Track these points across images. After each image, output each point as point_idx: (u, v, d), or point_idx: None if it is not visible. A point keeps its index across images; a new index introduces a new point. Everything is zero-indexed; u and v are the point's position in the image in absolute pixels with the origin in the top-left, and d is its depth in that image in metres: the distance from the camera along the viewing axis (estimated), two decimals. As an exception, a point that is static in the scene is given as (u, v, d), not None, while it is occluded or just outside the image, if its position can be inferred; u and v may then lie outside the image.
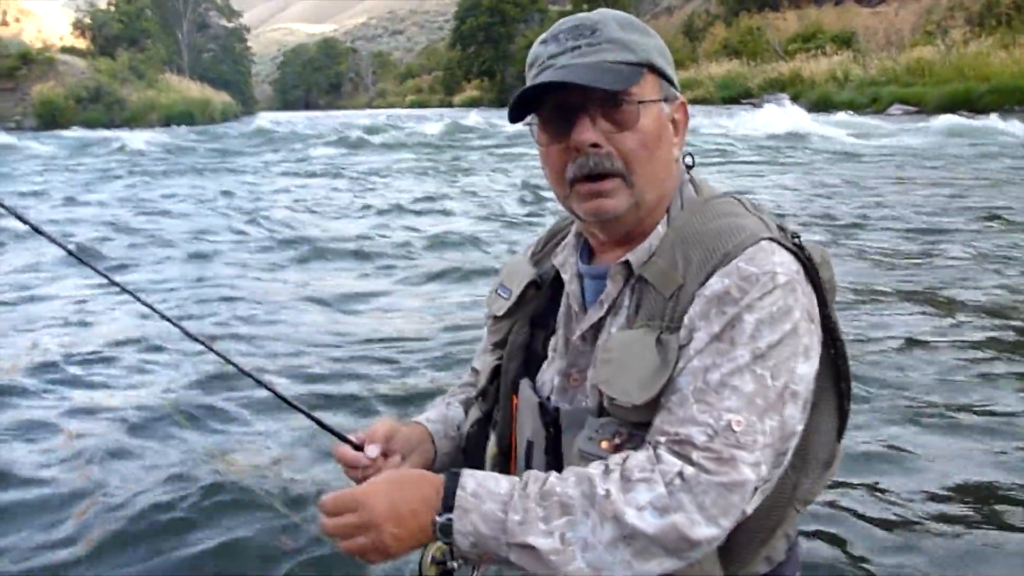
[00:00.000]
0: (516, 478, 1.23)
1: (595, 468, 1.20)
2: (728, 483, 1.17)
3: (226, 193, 14.57)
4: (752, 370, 1.20)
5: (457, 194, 13.47)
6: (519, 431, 1.49)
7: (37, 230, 1.60)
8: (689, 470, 1.16)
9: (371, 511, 1.21)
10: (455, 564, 1.33)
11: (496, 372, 1.56)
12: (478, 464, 1.55)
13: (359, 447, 1.45)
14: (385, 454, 1.46)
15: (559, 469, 1.33)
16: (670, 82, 1.38)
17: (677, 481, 1.16)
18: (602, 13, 1.37)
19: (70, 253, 1.73)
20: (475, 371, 1.71)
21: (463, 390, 1.74)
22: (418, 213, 11.68)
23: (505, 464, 1.52)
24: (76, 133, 33.66)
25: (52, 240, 1.61)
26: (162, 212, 12.51)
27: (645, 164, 1.33)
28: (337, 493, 1.25)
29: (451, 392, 1.76)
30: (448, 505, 1.20)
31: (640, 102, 1.32)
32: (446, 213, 11.70)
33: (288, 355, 5.47)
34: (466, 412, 1.66)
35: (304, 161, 20.83)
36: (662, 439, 1.20)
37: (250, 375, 1.56)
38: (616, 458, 1.21)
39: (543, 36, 1.39)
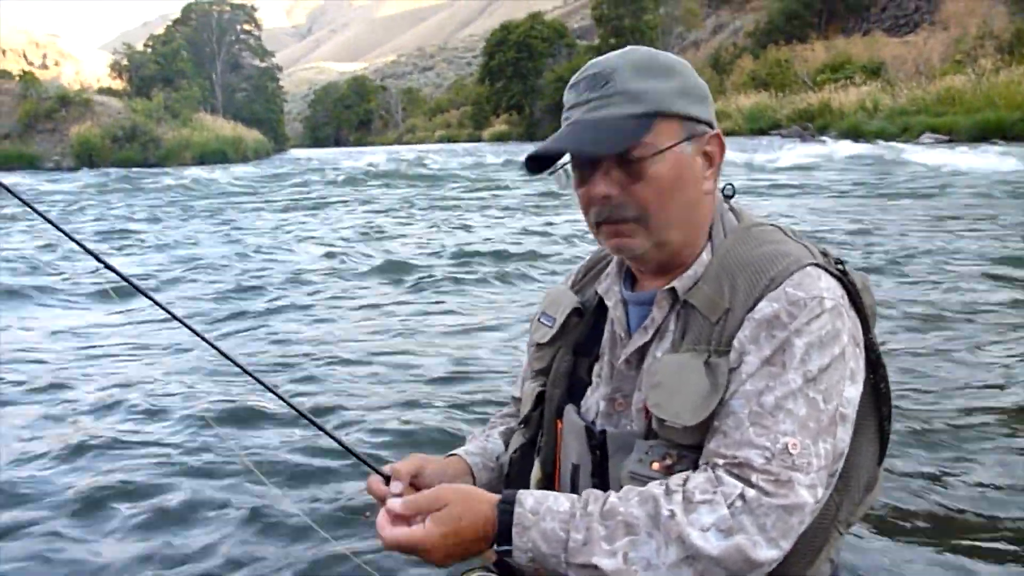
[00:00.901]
0: (575, 496, 1.25)
1: (656, 488, 1.22)
2: (788, 505, 1.19)
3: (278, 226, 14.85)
4: (805, 394, 1.23)
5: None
6: (564, 455, 1.51)
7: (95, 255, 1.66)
8: (750, 492, 1.18)
9: (427, 555, 1.27)
10: None
11: (539, 399, 1.58)
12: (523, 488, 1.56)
13: (389, 479, 1.48)
14: (416, 487, 1.47)
15: (605, 491, 1.36)
16: (697, 119, 1.38)
17: (739, 503, 1.18)
18: (621, 57, 1.38)
19: (121, 276, 1.78)
20: (516, 400, 1.74)
21: (503, 421, 1.76)
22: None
23: (550, 488, 1.52)
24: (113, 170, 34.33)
25: (116, 272, 1.67)
26: (219, 241, 12.78)
27: (661, 210, 1.36)
28: (394, 534, 1.29)
29: (491, 424, 1.78)
30: (504, 536, 1.24)
31: (653, 153, 1.34)
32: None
33: (330, 383, 5.54)
34: (505, 443, 1.68)
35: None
36: (720, 461, 1.23)
37: (294, 407, 1.58)
38: (676, 479, 1.23)
39: (572, 79, 1.42)
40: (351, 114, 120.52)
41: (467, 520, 1.26)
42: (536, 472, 1.57)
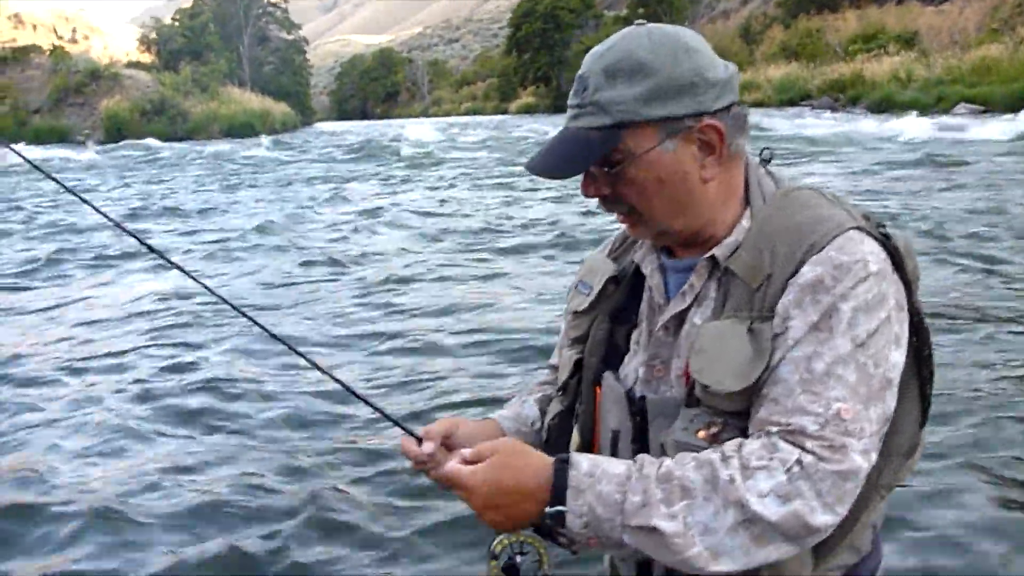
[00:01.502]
0: (630, 460, 1.25)
1: (712, 454, 1.22)
2: (843, 471, 1.20)
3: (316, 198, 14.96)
4: (855, 359, 1.23)
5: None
6: (602, 422, 1.51)
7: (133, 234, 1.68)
8: (807, 458, 1.19)
9: (468, 498, 1.28)
10: (518, 558, 1.37)
11: (577, 366, 1.58)
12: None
13: (421, 440, 1.50)
14: (448, 447, 1.50)
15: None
16: (675, 117, 1.33)
17: (796, 469, 1.18)
18: (598, 59, 1.36)
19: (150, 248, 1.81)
20: (553, 368, 1.74)
21: (540, 388, 1.77)
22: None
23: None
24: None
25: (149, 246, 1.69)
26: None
27: (648, 207, 1.38)
28: (444, 470, 1.32)
29: (528, 390, 1.79)
30: (559, 496, 1.23)
31: (629, 158, 1.34)
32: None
33: (367, 352, 5.64)
34: (541, 410, 1.69)
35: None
36: (773, 428, 1.22)
37: (330, 374, 1.62)
38: (730, 445, 1.23)
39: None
40: (378, 87, 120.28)
41: (511, 472, 1.26)
42: (575, 440, 1.58)
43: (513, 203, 13.29)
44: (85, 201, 1.75)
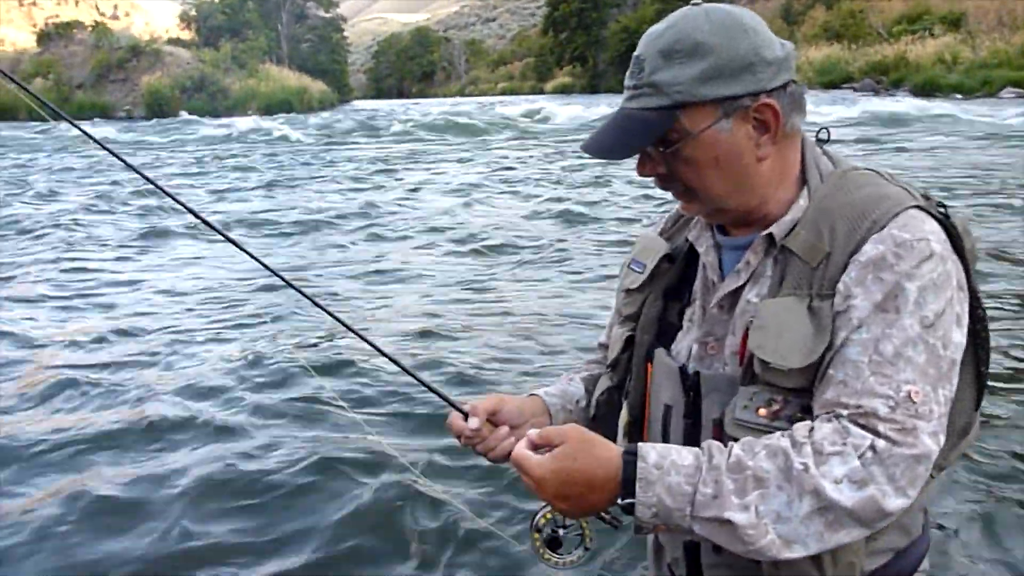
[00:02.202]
0: (697, 449, 1.25)
1: (783, 441, 1.22)
2: (915, 455, 1.19)
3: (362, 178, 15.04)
4: (924, 340, 1.23)
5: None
6: (654, 397, 1.52)
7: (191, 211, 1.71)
8: (880, 443, 1.18)
9: (537, 487, 1.29)
10: (561, 531, 1.40)
11: (628, 343, 1.59)
12: (610, 431, 1.58)
13: (467, 416, 1.52)
14: (493, 424, 1.53)
15: (698, 433, 1.38)
16: (732, 96, 1.32)
17: (869, 454, 1.18)
18: (653, 41, 1.35)
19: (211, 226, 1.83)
20: (602, 347, 1.75)
21: (587, 367, 1.78)
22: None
23: (638, 432, 1.56)
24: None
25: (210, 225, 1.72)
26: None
27: (704, 186, 1.38)
28: (517, 452, 1.32)
29: (575, 369, 1.80)
30: (628, 488, 1.23)
31: (687, 137, 1.34)
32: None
33: (419, 330, 5.72)
34: (587, 389, 1.70)
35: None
36: (844, 412, 1.22)
37: (383, 352, 1.66)
38: (801, 430, 1.22)
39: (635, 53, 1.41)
40: (414, 65, 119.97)
41: (578, 464, 1.26)
42: (624, 416, 1.59)
43: (601, 184, 13.24)
44: (158, 186, 1.76)
